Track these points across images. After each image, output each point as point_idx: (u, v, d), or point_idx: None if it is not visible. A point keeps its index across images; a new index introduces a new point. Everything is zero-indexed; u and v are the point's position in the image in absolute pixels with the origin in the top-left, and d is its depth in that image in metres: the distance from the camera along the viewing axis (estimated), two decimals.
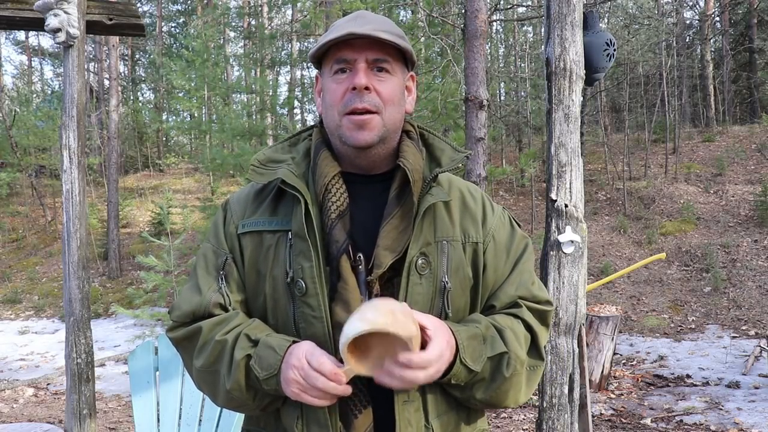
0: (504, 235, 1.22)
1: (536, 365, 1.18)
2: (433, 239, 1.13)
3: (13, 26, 3.39)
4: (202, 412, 2.42)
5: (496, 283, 1.20)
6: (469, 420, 1.19)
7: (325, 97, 1.16)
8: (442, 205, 1.17)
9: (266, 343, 1.07)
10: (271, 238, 1.15)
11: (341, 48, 1.12)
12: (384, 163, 1.18)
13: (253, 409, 1.13)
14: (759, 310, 7.86)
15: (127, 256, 12.83)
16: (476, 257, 1.18)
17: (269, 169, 1.18)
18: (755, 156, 12.82)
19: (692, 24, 19.98)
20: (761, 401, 4.84)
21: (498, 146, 15.67)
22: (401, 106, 1.18)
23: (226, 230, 1.21)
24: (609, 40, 2.53)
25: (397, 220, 1.11)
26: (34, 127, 16.46)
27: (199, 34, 13.44)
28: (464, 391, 1.11)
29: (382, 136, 1.13)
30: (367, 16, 1.15)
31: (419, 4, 7.78)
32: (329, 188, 1.13)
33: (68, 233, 3.00)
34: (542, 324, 1.20)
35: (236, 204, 1.23)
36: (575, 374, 2.49)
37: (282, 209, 1.17)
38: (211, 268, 1.19)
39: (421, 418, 1.10)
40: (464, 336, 1.07)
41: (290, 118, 17.33)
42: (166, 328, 1.22)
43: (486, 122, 6.00)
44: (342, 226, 1.11)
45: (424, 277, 1.10)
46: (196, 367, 1.15)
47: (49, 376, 6.55)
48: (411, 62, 1.20)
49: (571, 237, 2.45)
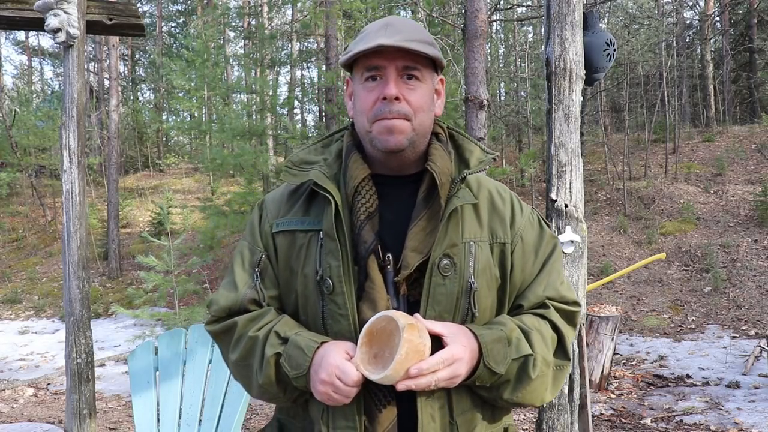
0: (532, 235, 1.24)
1: (563, 365, 1.19)
2: (460, 240, 1.15)
3: (13, 26, 3.39)
4: (202, 412, 2.42)
5: (524, 283, 1.22)
6: (494, 417, 1.21)
7: (356, 103, 1.19)
8: (470, 206, 1.19)
9: (295, 342, 1.11)
10: (303, 237, 1.19)
11: (371, 56, 1.14)
12: (413, 165, 1.21)
13: (284, 401, 1.19)
14: (759, 310, 7.86)
15: (127, 256, 12.83)
16: (504, 258, 1.20)
17: (302, 171, 1.22)
18: (755, 156, 12.82)
19: (692, 24, 19.98)
20: (761, 401, 4.83)
21: (498, 146, 15.67)
22: (431, 112, 1.20)
23: (262, 229, 1.25)
24: (609, 40, 2.53)
25: (424, 222, 1.14)
26: (34, 127, 16.46)
27: (199, 34, 13.44)
28: (491, 391, 1.14)
29: (411, 140, 1.15)
30: (397, 24, 1.16)
31: (419, 4, 7.78)
32: (359, 190, 1.16)
33: (68, 233, 3.00)
34: (569, 324, 1.22)
35: (271, 203, 1.28)
36: (575, 374, 2.49)
37: (314, 209, 1.20)
38: (247, 265, 1.24)
39: (446, 415, 1.12)
40: (488, 339, 1.09)
41: (290, 118, 17.33)
42: (205, 322, 1.28)
43: (486, 122, 6.00)
44: (371, 227, 1.14)
45: (448, 278, 1.12)
46: (231, 360, 1.21)
47: (49, 376, 6.55)
48: (440, 66, 1.22)
49: (571, 237, 2.45)
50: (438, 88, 1.24)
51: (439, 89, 1.24)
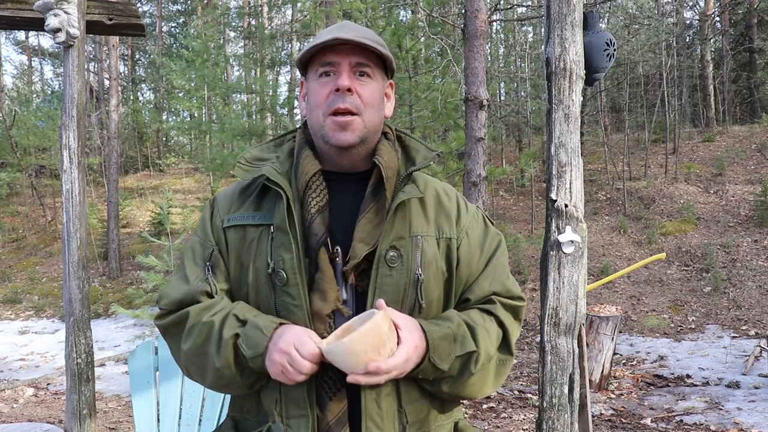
0: (477, 232, 1.29)
1: (506, 360, 1.25)
2: (407, 234, 1.19)
3: (13, 26, 3.39)
4: (202, 412, 2.42)
5: (470, 277, 1.26)
6: (443, 408, 1.25)
7: (310, 99, 1.23)
8: (417, 202, 1.24)
9: (254, 323, 1.13)
10: (254, 232, 1.21)
11: (326, 53, 1.20)
12: (363, 163, 1.25)
13: (240, 386, 1.19)
14: (759, 310, 7.86)
15: (127, 256, 12.83)
16: (450, 252, 1.23)
17: (254, 167, 1.26)
18: (755, 156, 12.82)
19: (692, 24, 19.99)
20: (761, 401, 4.84)
21: (498, 146, 15.67)
22: (381, 110, 1.25)
23: (213, 224, 1.28)
24: (609, 40, 2.53)
25: (372, 214, 1.18)
26: (34, 127, 16.46)
27: (199, 34, 13.44)
28: (432, 384, 1.18)
29: (362, 137, 1.20)
30: (351, 25, 1.23)
31: (419, 4, 7.78)
32: (310, 185, 1.20)
33: (68, 233, 3.00)
34: (515, 319, 1.27)
35: (223, 200, 1.30)
36: (575, 374, 2.49)
37: (266, 205, 1.23)
38: (198, 260, 1.26)
39: (393, 403, 1.16)
40: (436, 336, 1.13)
41: (290, 118, 17.32)
42: (154, 317, 1.28)
43: (486, 122, 5.99)
44: (321, 220, 1.18)
45: (395, 269, 1.16)
46: (183, 350, 1.21)
47: (49, 376, 6.55)
48: (390, 70, 1.29)
49: (571, 237, 2.45)
50: (388, 92, 1.30)
51: (389, 92, 1.30)
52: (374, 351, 1.03)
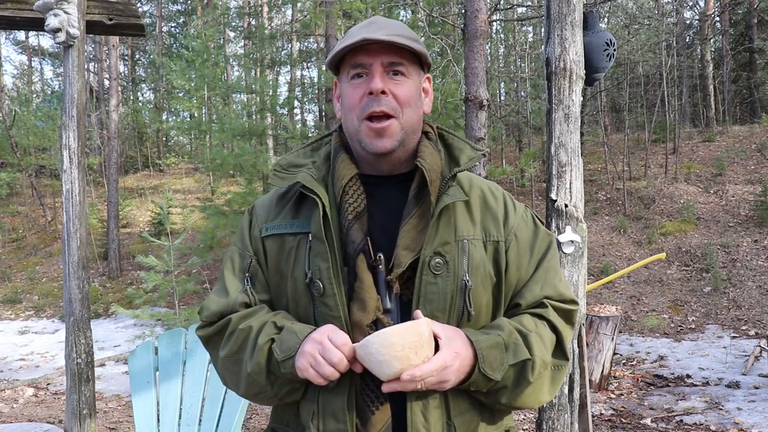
0: (527, 233, 1.23)
1: (561, 365, 1.18)
2: (453, 238, 1.14)
3: (13, 26, 3.39)
4: (202, 412, 2.42)
5: (520, 281, 1.20)
6: (494, 419, 1.19)
7: (344, 102, 1.19)
8: (462, 204, 1.18)
9: (290, 329, 1.10)
10: (292, 241, 1.18)
11: (356, 53, 1.14)
12: (404, 165, 1.20)
13: (271, 396, 1.15)
14: (759, 310, 7.86)
15: (127, 256, 12.83)
16: (498, 256, 1.18)
17: (290, 174, 1.21)
18: (755, 156, 12.82)
19: (692, 24, 19.97)
20: (761, 401, 4.83)
21: (498, 146, 15.67)
22: (418, 108, 1.20)
23: (251, 234, 1.25)
24: (609, 40, 2.53)
25: (415, 219, 1.13)
26: (34, 127, 16.45)
27: (199, 34, 13.43)
28: (488, 396, 1.12)
29: (401, 140, 1.15)
30: (381, 21, 1.17)
31: (419, 4, 7.78)
32: (346, 190, 1.16)
33: (68, 233, 3.00)
34: (567, 323, 1.21)
35: (261, 208, 1.27)
36: (575, 374, 2.49)
37: (303, 212, 1.19)
38: (237, 270, 1.23)
39: (442, 416, 1.10)
40: (484, 345, 1.07)
41: (290, 118, 17.34)
42: (196, 328, 1.26)
43: (486, 122, 6.00)
44: (359, 226, 1.13)
45: (440, 276, 1.11)
46: (221, 357, 1.18)
47: (49, 376, 6.55)
48: (426, 64, 1.22)
49: (571, 237, 2.45)
50: (425, 86, 1.23)
51: (426, 87, 1.24)
52: (411, 348, 0.99)
